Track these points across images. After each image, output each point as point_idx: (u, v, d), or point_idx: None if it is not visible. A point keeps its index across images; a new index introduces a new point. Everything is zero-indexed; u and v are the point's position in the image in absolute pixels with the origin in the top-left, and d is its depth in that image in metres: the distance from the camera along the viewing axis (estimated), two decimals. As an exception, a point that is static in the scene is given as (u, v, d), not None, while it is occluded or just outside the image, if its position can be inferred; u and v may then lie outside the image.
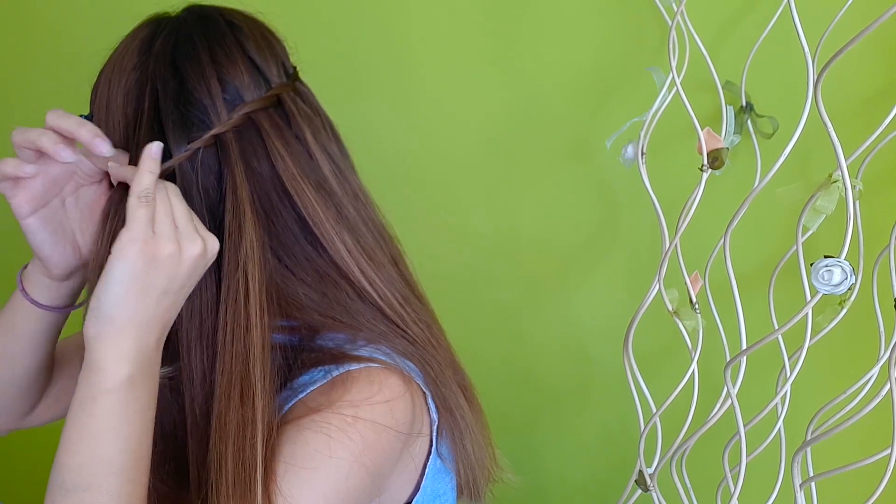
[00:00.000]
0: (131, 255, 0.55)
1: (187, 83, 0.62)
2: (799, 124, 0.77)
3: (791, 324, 0.77)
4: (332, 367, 0.63)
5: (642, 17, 1.01)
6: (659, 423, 0.95)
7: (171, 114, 0.62)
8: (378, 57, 1.14)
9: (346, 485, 0.59)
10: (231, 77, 0.63)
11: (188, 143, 0.62)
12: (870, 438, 0.79)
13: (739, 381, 0.91)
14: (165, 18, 0.66)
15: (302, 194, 0.63)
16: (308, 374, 0.64)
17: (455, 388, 0.70)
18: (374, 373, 0.62)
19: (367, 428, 0.60)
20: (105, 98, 0.64)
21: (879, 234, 0.88)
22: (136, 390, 0.56)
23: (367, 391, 0.61)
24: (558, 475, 1.26)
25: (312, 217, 0.63)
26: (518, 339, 1.21)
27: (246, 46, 0.64)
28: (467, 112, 1.13)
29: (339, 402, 0.60)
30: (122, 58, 0.64)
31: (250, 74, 0.64)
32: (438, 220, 1.19)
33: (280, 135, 0.63)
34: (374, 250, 0.67)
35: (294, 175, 0.63)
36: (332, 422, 0.59)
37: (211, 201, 0.63)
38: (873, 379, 0.86)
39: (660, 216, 0.91)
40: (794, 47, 0.76)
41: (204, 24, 0.65)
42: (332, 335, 0.66)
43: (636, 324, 0.94)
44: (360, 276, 0.65)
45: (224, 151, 0.62)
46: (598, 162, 1.09)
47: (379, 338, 0.66)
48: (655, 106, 0.91)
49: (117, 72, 0.64)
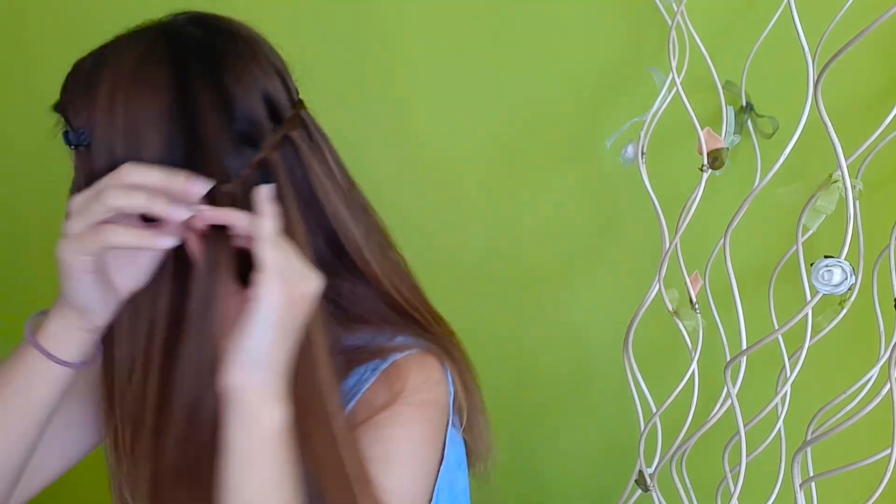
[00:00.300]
0: (276, 300, 0.54)
1: (236, 102, 0.59)
2: (799, 124, 0.77)
3: (791, 324, 0.77)
4: (377, 361, 0.65)
5: (642, 17, 1.01)
6: (659, 423, 0.95)
7: (225, 136, 0.58)
8: (377, 57, 1.14)
9: (428, 462, 0.65)
10: (272, 93, 0.61)
11: (241, 168, 0.59)
12: (870, 438, 0.79)
13: (739, 381, 0.91)
14: (175, 29, 0.61)
15: (336, 210, 0.64)
16: (354, 376, 0.65)
17: (471, 382, 0.73)
18: (418, 358, 0.66)
19: (431, 409, 0.65)
20: (128, 115, 0.58)
21: (879, 234, 0.88)
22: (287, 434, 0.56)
23: (422, 375, 0.65)
24: (558, 475, 1.26)
25: (345, 231, 0.64)
26: (518, 338, 1.21)
27: (273, 58, 0.63)
28: (467, 112, 1.13)
29: (402, 392, 0.63)
30: (143, 74, 0.58)
31: (282, 88, 0.63)
32: (438, 220, 1.19)
33: (310, 151, 0.63)
34: (390, 251, 0.69)
35: (327, 192, 0.63)
36: (405, 413, 0.63)
37: None
38: (873, 379, 0.86)
39: (660, 216, 0.91)
40: (794, 47, 0.76)
41: (230, 37, 0.62)
42: (355, 336, 0.67)
43: (636, 324, 0.94)
44: (391, 290, 0.67)
45: (272, 174, 0.60)
46: (598, 162, 1.09)
47: (404, 329, 0.68)
48: (655, 106, 0.91)
49: (141, 89, 0.58)
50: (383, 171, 1.16)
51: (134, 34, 0.61)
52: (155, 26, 0.62)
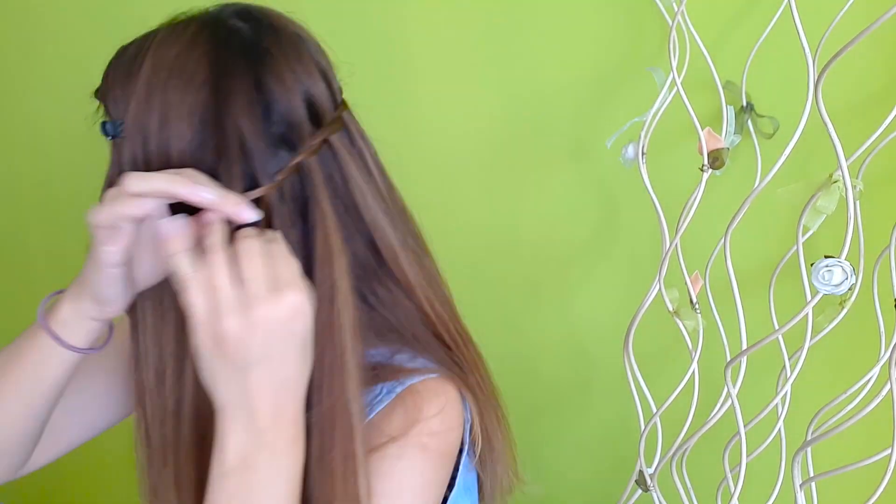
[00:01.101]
0: (200, 340, 0.52)
1: (275, 103, 0.57)
2: (799, 124, 0.77)
3: (791, 324, 0.77)
4: (393, 382, 0.62)
5: (642, 17, 1.01)
6: (659, 423, 0.95)
7: (261, 137, 0.57)
8: (377, 57, 1.14)
9: (434, 492, 0.62)
10: (314, 94, 0.59)
11: (276, 171, 0.57)
12: (870, 438, 0.79)
13: (739, 381, 0.91)
14: (220, 22, 0.60)
15: (374, 216, 0.62)
16: (370, 394, 0.62)
17: (493, 414, 0.69)
18: (435, 384, 0.63)
19: (442, 440, 0.62)
20: (163, 108, 0.57)
21: (879, 234, 0.88)
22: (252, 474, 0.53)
23: (436, 405, 0.61)
24: (558, 475, 1.26)
25: (382, 238, 0.63)
26: (518, 338, 1.21)
27: (318, 58, 0.61)
28: (467, 112, 1.13)
29: (416, 423, 0.60)
30: (183, 67, 0.57)
31: (325, 89, 0.60)
32: (438, 220, 1.19)
33: (350, 155, 0.61)
34: (429, 265, 0.68)
35: (366, 198, 0.61)
36: (416, 449, 0.60)
37: (298, 232, 0.59)
38: (873, 379, 0.86)
39: (660, 216, 0.91)
40: (794, 47, 0.76)
41: (276, 34, 0.60)
42: (376, 350, 0.65)
43: (636, 324, 0.94)
44: (423, 301, 0.65)
45: (308, 178, 0.58)
46: (598, 162, 1.09)
47: (428, 349, 0.66)
48: (656, 106, 0.91)
49: (179, 82, 0.57)
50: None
51: (180, 24, 0.60)
52: (200, 17, 0.60)
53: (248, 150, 0.57)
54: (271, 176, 0.57)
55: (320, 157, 0.59)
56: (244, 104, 0.56)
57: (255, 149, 0.57)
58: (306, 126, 0.58)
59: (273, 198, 0.57)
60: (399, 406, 0.61)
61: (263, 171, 0.57)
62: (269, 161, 0.57)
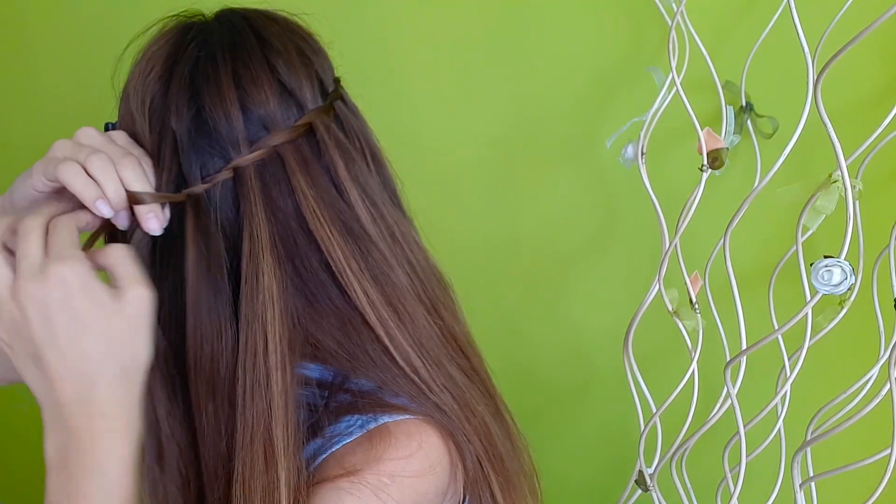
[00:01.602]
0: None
1: (204, 110, 0.57)
2: (799, 124, 0.77)
3: (791, 324, 0.77)
4: (367, 417, 0.59)
5: (642, 17, 1.01)
6: (659, 423, 0.95)
7: (186, 142, 0.57)
8: (376, 57, 1.14)
9: None
10: (255, 104, 0.57)
11: (203, 176, 0.57)
12: (870, 438, 0.79)
13: (739, 381, 0.91)
14: (198, 24, 0.61)
15: (326, 238, 0.58)
16: (343, 423, 0.59)
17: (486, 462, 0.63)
18: (411, 425, 0.59)
19: (406, 486, 0.57)
20: (134, 106, 0.59)
21: (879, 234, 0.88)
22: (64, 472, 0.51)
23: (406, 448, 0.57)
24: (558, 475, 1.26)
25: (336, 263, 0.58)
26: (518, 338, 1.21)
27: (276, 66, 0.59)
28: (467, 112, 1.13)
29: (376, 461, 0.56)
30: (150, 65, 0.59)
31: (279, 99, 0.58)
32: (438, 220, 1.19)
33: (306, 170, 0.58)
34: (402, 299, 0.60)
35: (318, 216, 0.58)
36: (370, 482, 0.55)
37: (231, 240, 0.58)
38: (873, 379, 0.86)
39: (660, 216, 0.91)
40: (794, 47, 0.76)
41: (231, 38, 0.59)
42: (366, 380, 0.61)
43: (636, 324, 0.94)
44: (381, 331, 0.59)
45: (242, 187, 0.57)
46: (597, 162, 1.09)
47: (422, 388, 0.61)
48: (655, 106, 0.91)
49: (143, 80, 0.59)
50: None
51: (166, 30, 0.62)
52: (186, 23, 0.62)
53: (181, 155, 0.57)
54: (207, 177, 0.57)
55: (262, 168, 0.58)
56: (177, 107, 0.57)
57: (185, 156, 0.57)
58: (243, 136, 0.57)
59: (202, 202, 0.57)
60: (366, 442, 0.57)
61: (192, 178, 0.57)
62: (197, 169, 0.57)
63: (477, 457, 0.62)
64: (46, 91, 1.30)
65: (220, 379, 0.57)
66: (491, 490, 0.63)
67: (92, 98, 0.67)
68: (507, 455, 0.64)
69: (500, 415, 0.67)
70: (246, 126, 0.57)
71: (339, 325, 0.59)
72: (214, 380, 0.57)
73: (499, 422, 0.66)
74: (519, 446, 0.68)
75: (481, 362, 0.67)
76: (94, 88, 0.67)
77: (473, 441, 0.61)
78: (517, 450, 0.67)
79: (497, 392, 0.68)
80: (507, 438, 0.66)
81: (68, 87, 1.26)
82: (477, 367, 0.66)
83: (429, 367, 0.60)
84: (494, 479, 0.63)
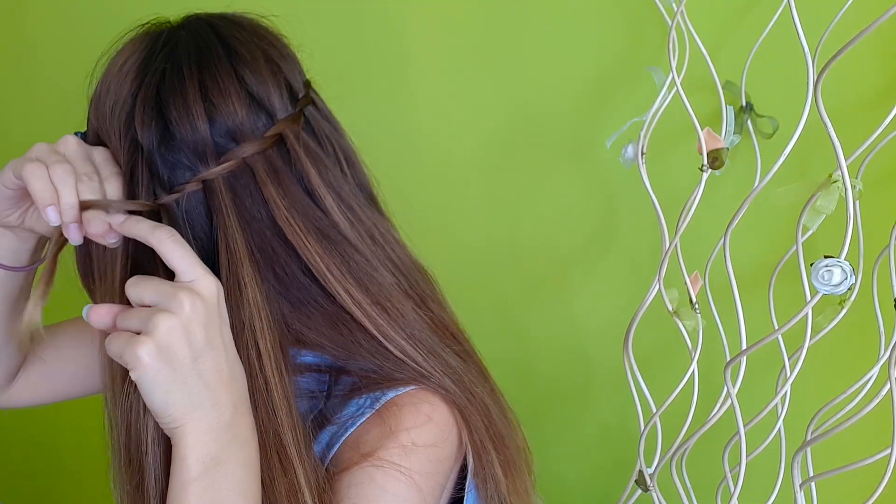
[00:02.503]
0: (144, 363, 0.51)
1: (170, 123, 0.57)
2: (799, 124, 0.77)
3: (791, 324, 0.77)
4: (375, 395, 0.59)
5: (642, 17, 1.01)
6: (659, 423, 0.95)
7: (155, 154, 0.57)
8: (376, 57, 1.14)
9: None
10: (223, 115, 0.57)
11: (169, 190, 0.58)
12: (870, 438, 0.79)
13: (739, 381, 0.91)
14: (166, 32, 0.61)
15: (302, 245, 0.58)
16: (352, 406, 0.60)
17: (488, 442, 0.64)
18: (419, 396, 0.60)
19: (422, 456, 0.58)
20: (102, 115, 0.60)
21: (879, 234, 0.88)
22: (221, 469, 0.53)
23: (415, 418, 0.58)
24: (558, 475, 1.26)
25: (316, 268, 0.58)
26: (518, 338, 1.21)
27: (243, 75, 0.59)
28: (467, 112, 1.13)
29: (391, 436, 0.57)
30: (118, 76, 0.59)
31: (247, 109, 0.58)
32: (438, 220, 1.19)
33: (277, 180, 0.58)
34: (389, 297, 0.61)
35: (293, 225, 0.58)
36: (391, 459, 0.57)
37: (208, 252, 0.59)
38: (873, 379, 0.86)
39: (660, 216, 0.91)
40: (794, 47, 0.76)
41: (198, 49, 0.59)
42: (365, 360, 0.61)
43: (636, 324, 0.94)
44: (371, 327, 0.60)
45: (213, 199, 0.58)
46: (598, 162, 1.09)
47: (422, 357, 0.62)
48: (655, 106, 0.91)
49: (114, 91, 0.59)
50: (381, 169, 1.15)
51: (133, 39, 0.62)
52: (153, 32, 0.61)
53: (150, 164, 0.58)
54: (175, 187, 0.58)
55: (232, 179, 0.58)
56: (143, 120, 0.58)
57: (153, 169, 0.58)
58: (210, 148, 0.58)
59: (173, 214, 0.58)
60: (378, 420, 0.58)
61: (160, 190, 0.58)
62: (164, 182, 0.58)
63: (479, 436, 0.63)
64: (47, 89, 1.30)
65: None
66: (493, 469, 0.64)
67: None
68: (507, 434, 0.66)
69: (495, 394, 0.68)
70: (214, 138, 0.57)
71: (330, 324, 0.60)
72: None
73: (494, 401, 0.67)
74: (514, 423, 0.69)
75: (472, 346, 0.69)
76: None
77: (476, 420, 0.63)
78: (512, 426, 0.69)
79: (489, 373, 0.69)
80: (503, 416, 0.67)
81: (68, 87, 1.26)
82: (469, 351, 0.68)
83: (425, 356, 0.61)
84: (496, 458, 0.64)
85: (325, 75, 0.75)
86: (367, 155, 0.75)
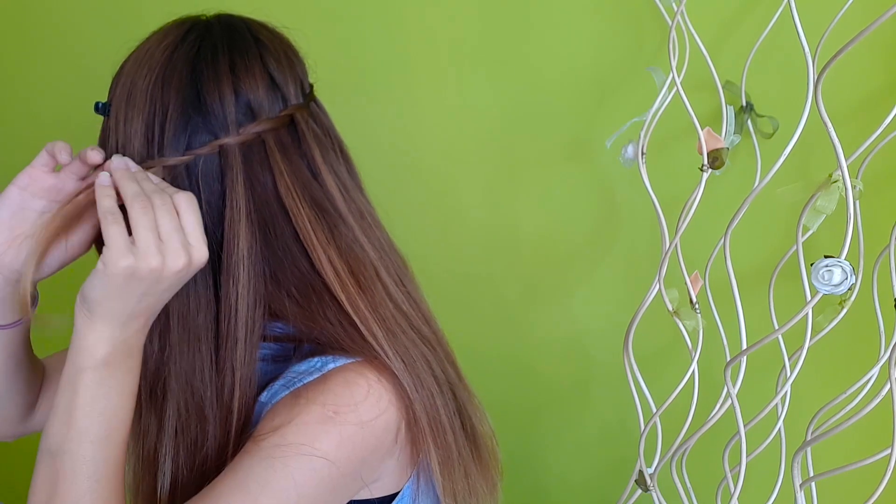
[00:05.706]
0: (113, 271, 0.57)
1: (202, 89, 0.64)
2: (799, 124, 0.77)
3: (791, 324, 0.77)
4: (327, 358, 0.64)
5: (642, 17, 1.01)
6: (659, 423, 0.95)
7: (181, 116, 0.63)
8: (377, 56, 1.14)
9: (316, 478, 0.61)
10: (247, 90, 0.64)
11: (187, 148, 0.64)
12: (870, 438, 0.79)
13: (739, 381, 0.91)
14: (198, 22, 0.68)
15: (296, 209, 0.64)
16: (305, 363, 0.65)
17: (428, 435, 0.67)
18: (366, 367, 0.64)
19: (351, 423, 0.62)
20: (127, 90, 0.65)
21: (879, 234, 0.88)
22: (112, 370, 0.60)
23: (358, 388, 0.63)
24: (558, 475, 1.26)
25: (303, 231, 0.65)
26: (518, 338, 1.21)
27: (267, 62, 0.66)
28: (467, 112, 1.13)
29: (326, 392, 0.62)
30: (149, 54, 0.65)
31: (267, 90, 0.65)
32: (438, 220, 1.19)
33: (285, 154, 0.65)
34: (366, 271, 0.67)
35: (291, 190, 0.65)
36: (315, 414, 0.61)
37: (213, 208, 0.65)
38: (873, 379, 0.86)
39: (660, 216, 0.91)
40: (794, 47, 0.76)
41: (230, 34, 0.67)
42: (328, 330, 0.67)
43: (636, 324, 0.94)
44: (342, 296, 0.65)
45: (227, 162, 0.64)
46: (598, 162, 1.09)
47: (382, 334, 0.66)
48: (655, 106, 0.91)
49: (142, 67, 0.65)
50: (381, 171, 1.16)
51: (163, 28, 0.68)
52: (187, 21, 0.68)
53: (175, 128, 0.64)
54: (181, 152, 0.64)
55: (247, 148, 0.64)
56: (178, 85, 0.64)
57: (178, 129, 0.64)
58: (232, 117, 0.64)
59: (189, 171, 0.64)
60: (321, 378, 0.63)
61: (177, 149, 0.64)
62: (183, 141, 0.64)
63: (419, 424, 0.66)
64: (47, 90, 1.30)
65: (194, 325, 0.66)
66: (429, 461, 0.67)
67: (92, 97, 0.68)
68: (451, 431, 0.68)
69: (462, 381, 0.72)
70: (236, 109, 0.64)
71: (303, 291, 0.66)
72: (189, 327, 0.66)
73: (462, 388, 0.72)
74: (480, 413, 0.73)
75: (442, 334, 0.73)
76: (95, 87, 0.67)
77: (419, 408, 0.66)
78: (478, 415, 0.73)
79: (457, 361, 0.73)
80: (469, 403, 0.72)
81: (69, 84, 1.26)
82: (439, 336, 0.72)
83: (385, 333, 0.66)
84: (434, 452, 0.67)
85: (325, 76, 0.76)
86: (367, 154, 0.76)
